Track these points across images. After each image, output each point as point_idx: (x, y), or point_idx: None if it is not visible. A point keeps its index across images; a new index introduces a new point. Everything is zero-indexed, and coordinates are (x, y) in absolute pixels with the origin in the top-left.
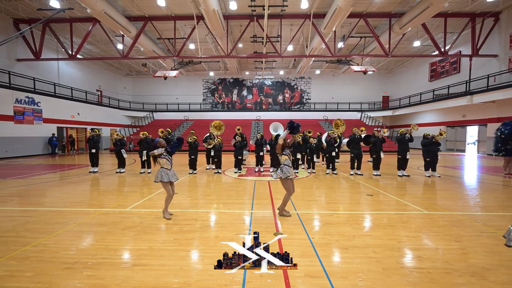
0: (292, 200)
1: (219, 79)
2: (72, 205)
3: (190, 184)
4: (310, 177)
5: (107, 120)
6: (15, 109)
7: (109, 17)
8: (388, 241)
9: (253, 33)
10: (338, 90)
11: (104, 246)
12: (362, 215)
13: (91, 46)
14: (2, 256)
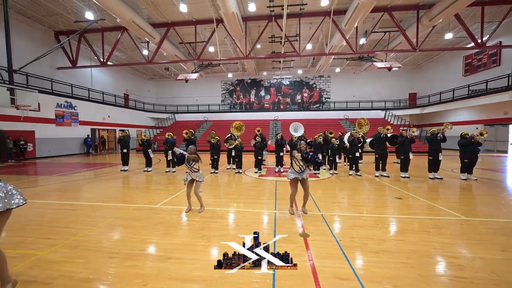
0: (315, 201)
1: (237, 80)
2: (108, 200)
3: (212, 183)
4: (332, 179)
5: (133, 122)
6: (56, 113)
7: (136, 25)
8: (423, 247)
9: (271, 33)
10: (360, 88)
11: (140, 239)
12: (391, 219)
13: (119, 53)
14: (57, 244)
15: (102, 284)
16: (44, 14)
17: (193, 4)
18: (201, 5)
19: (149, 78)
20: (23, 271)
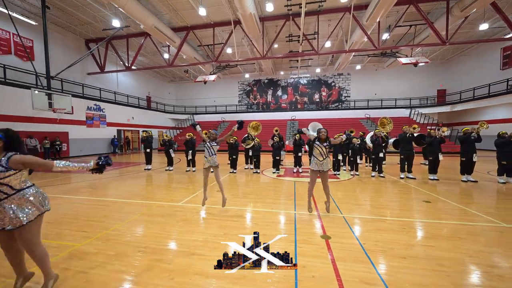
0: (336, 202)
1: (254, 81)
2: (133, 197)
3: (231, 183)
4: (353, 180)
5: (155, 123)
6: (87, 115)
7: (158, 30)
8: (456, 254)
9: (289, 32)
10: (382, 85)
11: (165, 235)
12: (419, 223)
13: (142, 58)
14: (91, 236)
15: (132, 276)
16: (76, 24)
17: (212, 7)
18: (219, 8)
19: (170, 81)
20: (62, 261)
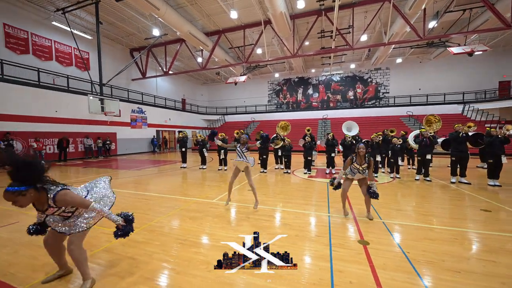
0: (374, 206)
1: (284, 80)
2: (172, 193)
3: (261, 182)
4: (393, 183)
5: (189, 124)
6: (131, 117)
7: (192, 36)
8: None
9: (321, 28)
10: (428, 79)
11: (202, 229)
12: (476, 234)
13: (178, 62)
14: (138, 227)
15: (174, 265)
16: (123, 35)
17: (242, 9)
18: (250, 9)
19: (202, 83)
20: (115, 247)
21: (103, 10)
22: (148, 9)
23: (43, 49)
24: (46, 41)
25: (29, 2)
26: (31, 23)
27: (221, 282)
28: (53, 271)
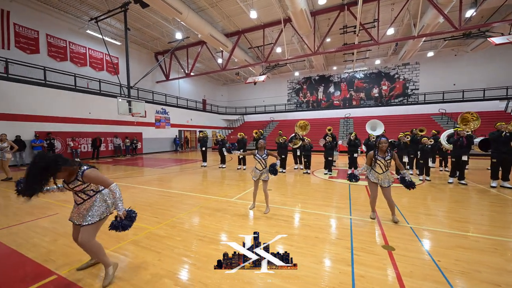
0: (400, 210)
1: (304, 78)
2: (193, 191)
3: (280, 182)
4: (423, 186)
5: (209, 124)
6: (155, 118)
7: (213, 37)
8: None
9: (343, 24)
10: (464, 73)
11: (221, 227)
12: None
13: (199, 64)
14: (161, 222)
15: (194, 261)
16: (148, 40)
17: (262, 9)
18: (269, 9)
19: (222, 84)
20: (141, 240)
21: (131, 17)
22: (171, 13)
23: (79, 56)
24: (81, 48)
25: (67, 13)
26: (68, 33)
27: (239, 280)
28: (86, 260)
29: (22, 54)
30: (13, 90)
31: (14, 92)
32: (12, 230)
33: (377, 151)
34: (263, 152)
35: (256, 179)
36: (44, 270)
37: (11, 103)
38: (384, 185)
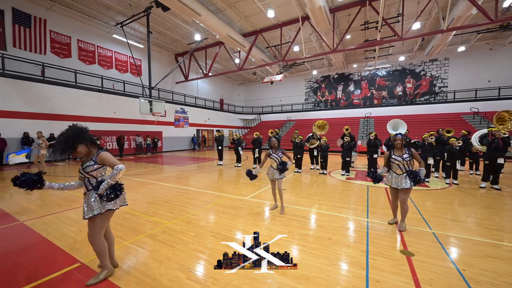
0: (422, 215)
1: (322, 77)
2: (209, 188)
3: (295, 182)
4: (449, 190)
5: (227, 123)
6: (175, 117)
7: (231, 38)
8: None
9: (364, 20)
10: (500, 69)
11: (234, 225)
12: None
13: (216, 64)
14: (177, 218)
15: (206, 256)
16: (169, 42)
17: (279, 7)
18: (287, 7)
19: (239, 84)
20: (158, 234)
21: (153, 20)
22: (190, 16)
23: (106, 59)
24: (108, 52)
25: (95, 19)
26: (97, 37)
27: (251, 278)
28: None
29: (56, 58)
30: (48, 92)
31: (49, 93)
32: (43, 220)
33: (393, 150)
34: (278, 151)
35: (271, 179)
36: (70, 258)
37: (47, 103)
38: (400, 186)
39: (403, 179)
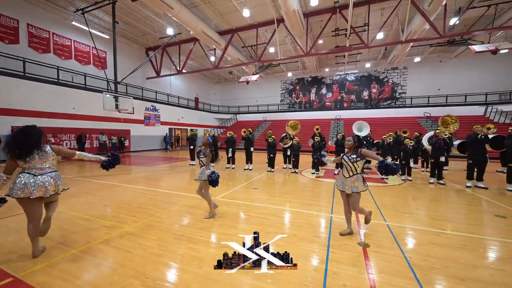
0: (380, 209)
1: (297, 79)
2: (177, 189)
3: (268, 181)
4: (404, 185)
5: (202, 122)
6: (145, 115)
7: (206, 35)
8: None
9: (335, 27)
10: (448, 79)
11: (200, 226)
12: (489, 241)
13: (191, 61)
14: (138, 221)
15: (167, 260)
16: (139, 35)
17: (255, 7)
18: (263, 8)
19: (215, 82)
20: (113, 239)
21: (120, 10)
22: (162, 8)
23: (63, 48)
24: (66, 40)
25: (50, 3)
26: (52, 23)
27: (211, 279)
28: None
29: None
30: None
31: None
32: None
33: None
34: (201, 153)
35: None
36: (1, 272)
37: None
38: (347, 190)
39: (348, 183)
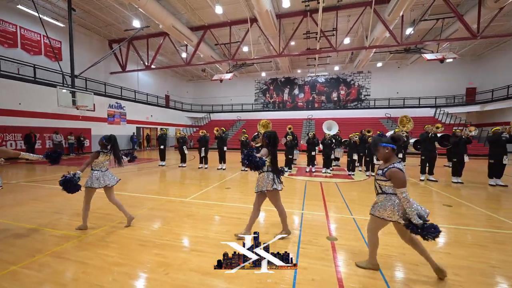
0: (347, 204)
1: (271, 79)
2: (145, 192)
3: (241, 180)
4: (369, 181)
5: (173, 121)
6: (108, 112)
7: (176, 30)
8: (476, 264)
9: (306, 29)
10: (405, 83)
11: (169, 230)
12: None
13: (161, 57)
14: (98, 227)
15: (129, 269)
16: (101, 25)
17: (228, 5)
18: (236, 6)
19: (188, 80)
20: (65, 251)
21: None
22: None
23: (6, 35)
24: (10, 26)
25: None
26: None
27: (178, 286)
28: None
29: None
30: None
31: None
32: None
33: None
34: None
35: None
36: None
37: None
38: (260, 188)
39: (259, 183)
